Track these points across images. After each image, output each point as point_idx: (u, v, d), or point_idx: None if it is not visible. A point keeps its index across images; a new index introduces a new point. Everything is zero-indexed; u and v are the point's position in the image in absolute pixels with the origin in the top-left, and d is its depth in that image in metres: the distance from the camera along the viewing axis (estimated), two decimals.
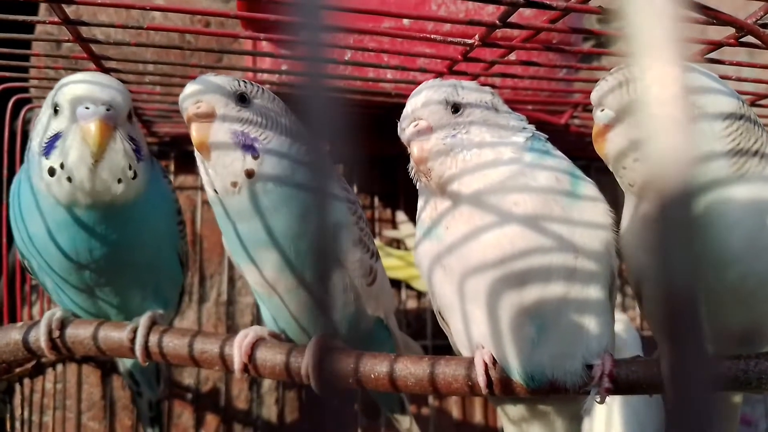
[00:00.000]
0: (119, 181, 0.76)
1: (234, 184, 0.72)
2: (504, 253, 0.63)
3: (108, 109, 0.75)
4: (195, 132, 0.72)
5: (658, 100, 0.22)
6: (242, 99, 0.73)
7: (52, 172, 0.74)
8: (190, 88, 0.73)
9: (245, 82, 0.74)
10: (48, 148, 0.75)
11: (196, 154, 0.74)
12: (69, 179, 0.74)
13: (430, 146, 0.66)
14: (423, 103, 0.68)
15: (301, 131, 0.77)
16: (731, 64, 0.81)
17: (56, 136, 0.75)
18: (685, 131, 0.21)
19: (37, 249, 0.80)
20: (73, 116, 0.74)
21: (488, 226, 0.64)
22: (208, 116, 0.71)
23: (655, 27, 0.24)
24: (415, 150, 0.66)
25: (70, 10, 0.73)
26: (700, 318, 0.21)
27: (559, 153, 0.69)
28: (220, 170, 0.72)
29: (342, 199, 0.77)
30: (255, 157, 0.71)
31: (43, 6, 1.30)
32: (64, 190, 0.75)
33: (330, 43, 0.68)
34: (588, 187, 0.68)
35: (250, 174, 0.71)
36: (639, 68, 0.22)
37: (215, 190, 0.73)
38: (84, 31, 0.78)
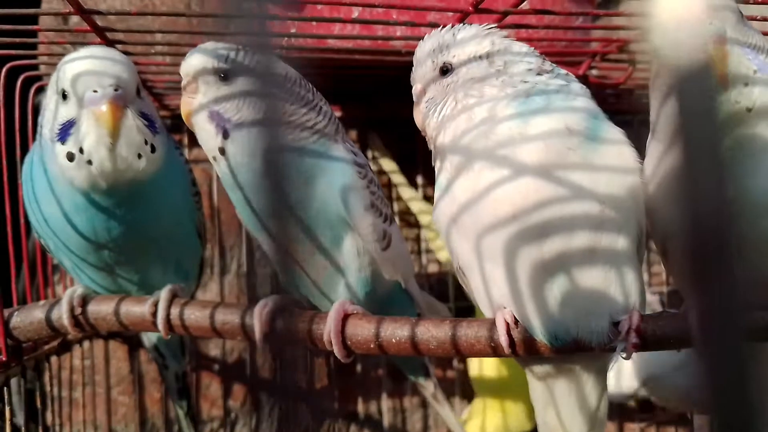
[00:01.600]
0: (139, 156, 0.76)
1: (215, 159, 0.73)
2: (515, 209, 0.61)
3: (116, 90, 0.74)
4: (182, 106, 0.74)
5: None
6: (224, 76, 0.72)
7: (71, 157, 0.74)
8: (185, 62, 0.74)
9: (240, 52, 0.73)
10: (62, 135, 0.75)
11: None
12: (89, 162, 0.74)
13: (420, 110, 0.67)
14: (416, 63, 0.68)
15: (301, 97, 0.74)
16: (756, 2, 0.77)
17: (69, 123, 0.75)
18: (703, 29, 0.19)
19: (53, 230, 0.80)
20: (82, 102, 0.74)
21: (497, 182, 0.62)
22: (194, 92, 0.73)
23: None
24: (414, 114, 0.67)
25: None
26: (730, 262, 0.19)
27: (578, 91, 0.66)
28: (204, 144, 0.74)
29: (348, 162, 0.75)
30: (225, 137, 0.72)
31: None
32: (84, 173, 0.74)
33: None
34: (610, 131, 0.64)
35: (222, 151, 0.72)
36: None
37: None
38: (89, 3, 0.76)
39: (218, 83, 0.72)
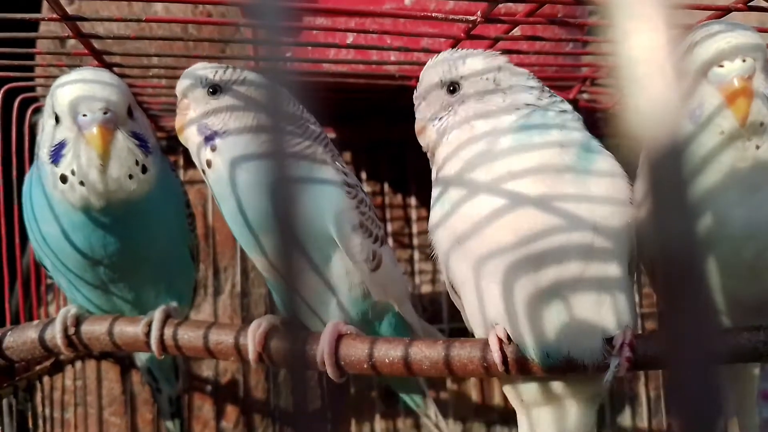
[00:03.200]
0: (130, 177, 0.77)
1: (203, 172, 0.77)
2: (517, 235, 0.63)
3: (105, 113, 0.75)
4: (176, 123, 0.78)
5: (645, 55, 0.21)
6: (214, 90, 0.76)
7: (64, 179, 0.75)
8: (178, 83, 0.78)
9: (228, 70, 0.76)
10: (56, 157, 0.76)
11: None
12: (82, 183, 0.75)
13: (426, 134, 0.70)
14: (422, 84, 0.70)
15: (288, 116, 0.76)
16: None
17: (61, 145, 0.76)
18: (672, 84, 0.20)
19: (51, 248, 0.81)
20: (73, 125, 0.75)
21: (500, 209, 0.63)
22: (186, 109, 0.77)
23: None
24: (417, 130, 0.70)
25: (72, 8, 0.73)
26: (700, 285, 0.20)
27: (573, 125, 0.67)
28: (194, 158, 0.78)
29: (337, 181, 0.76)
30: (213, 150, 0.75)
31: (45, 5, 1.30)
32: (78, 195, 0.75)
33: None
34: (603, 161, 0.66)
35: (209, 164, 0.75)
36: (624, 23, 0.22)
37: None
38: (87, 27, 0.77)
39: (207, 98, 0.76)
